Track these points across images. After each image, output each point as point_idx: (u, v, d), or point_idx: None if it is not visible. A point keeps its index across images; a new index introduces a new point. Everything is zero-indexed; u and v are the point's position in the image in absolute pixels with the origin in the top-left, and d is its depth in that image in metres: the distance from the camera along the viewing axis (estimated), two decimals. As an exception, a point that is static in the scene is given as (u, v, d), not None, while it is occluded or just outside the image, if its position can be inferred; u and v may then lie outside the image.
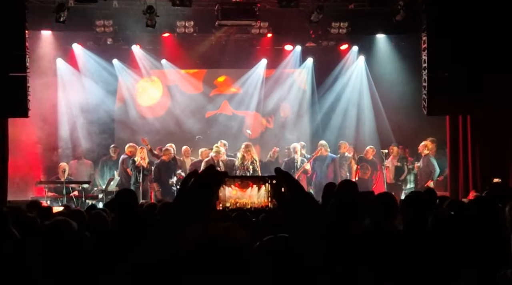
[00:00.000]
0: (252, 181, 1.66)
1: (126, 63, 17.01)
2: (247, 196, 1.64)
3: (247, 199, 1.65)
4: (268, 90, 17.53)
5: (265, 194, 1.64)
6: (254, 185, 1.64)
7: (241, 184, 1.65)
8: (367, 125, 16.87)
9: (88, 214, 6.34)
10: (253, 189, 1.65)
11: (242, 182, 1.66)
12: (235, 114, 17.74)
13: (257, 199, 1.65)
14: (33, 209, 6.99)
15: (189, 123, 17.09)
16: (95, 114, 16.42)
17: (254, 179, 1.67)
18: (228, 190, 1.64)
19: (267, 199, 1.63)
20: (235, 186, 1.64)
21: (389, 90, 16.44)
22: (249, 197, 1.64)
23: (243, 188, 1.65)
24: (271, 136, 17.36)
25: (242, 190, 1.65)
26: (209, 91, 17.79)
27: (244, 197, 1.65)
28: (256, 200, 1.65)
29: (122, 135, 16.91)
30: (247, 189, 1.65)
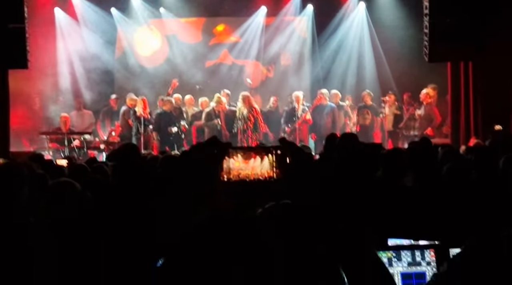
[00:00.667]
0: (255, 152, 1.66)
1: (125, 12, 16.82)
2: (250, 167, 1.65)
3: (250, 170, 1.65)
4: (268, 39, 17.36)
5: (269, 165, 1.64)
6: (257, 156, 1.64)
7: (243, 155, 1.65)
8: (368, 72, 16.74)
9: (90, 167, 6.36)
10: (256, 160, 1.65)
11: (245, 153, 1.66)
12: (235, 63, 17.61)
13: (260, 170, 1.65)
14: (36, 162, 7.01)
15: (189, 72, 16.99)
16: (94, 64, 16.34)
17: (258, 150, 1.67)
18: (231, 161, 1.64)
19: (271, 169, 1.63)
20: (239, 157, 1.64)
21: (390, 37, 16.26)
22: (252, 168, 1.65)
23: (246, 159, 1.65)
24: (271, 85, 17.28)
25: (245, 161, 1.65)
26: (208, 40, 17.62)
27: (247, 169, 1.65)
28: (259, 171, 1.65)
29: (122, 85, 16.86)
30: (250, 160, 1.65)
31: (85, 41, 16.34)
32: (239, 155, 1.63)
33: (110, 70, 16.78)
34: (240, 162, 1.62)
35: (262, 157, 1.62)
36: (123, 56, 17.13)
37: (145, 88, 16.29)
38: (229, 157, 1.63)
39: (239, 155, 1.63)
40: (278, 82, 17.28)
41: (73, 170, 5.88)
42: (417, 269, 2.94)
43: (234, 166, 1.62)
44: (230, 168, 1.62)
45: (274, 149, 1.61)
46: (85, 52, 16.30)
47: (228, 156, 1.63)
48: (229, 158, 1.62)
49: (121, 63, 17.07)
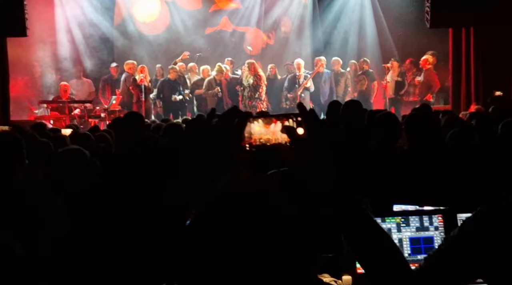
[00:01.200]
0: (276, 118, 1.66)
1: (123, -22, 16.67)
2: (270, 132, 1.65)
3: (271, 135, 1.66)
4: (269, 5, 17.22)
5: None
6: (277, 122, 1.65)
7: (264, 120, 1.66)
8: (369, 39, 16.63)
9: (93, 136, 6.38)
10: (277, 125, 1.65)
11: (265, 119, 1.66)
12: (235, 30, 17.50)
13: (280, 135, 1.66)
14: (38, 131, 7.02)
15: (189, 39, 16.87)
16: (93, 31, 16.26)
17: (278, 116, 1.67)
18: (252, 126, 1.65)
19: None
20: (260, 122, 1.65)
21: (391, 3, 16.14)
22: (272, 133, 1.65)
23: (267, 124, 1.65)
24: (272, 52, 17.20)
25: (266, 126, 1.65)
26: (209, 7, 17.46)
27: (268, 133, 1.66)
28: (279, 136, 1.66)
29: (122, 52, 16.76)
30: (271, 125, 1.65)
31: (83, 8, 16.22)
32: (260, 120, 1.63)
33: (109, 38, 16.68)
34: (261, 126, 1.63)
35: (282, 122, 1.62)
36: (122, 23, 17.00)
37: (145, 56, 16.22)
38: (250, 122, 1.63)
39: (260, 120, 1.63)
40: (279, 49, 17.19)
41: (77, 139, 5.88)
42: (425, 233, 2.99)
43: (254, 131, 1.63)
44: (251, 133, 1.63)
45: (294, 116, 1.62)
46: (84, 19, 16.20)
47: (250, 122, 1.63)
48: (249, 123, 1.63)
49: (121, 31, 16.95)
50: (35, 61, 15.66)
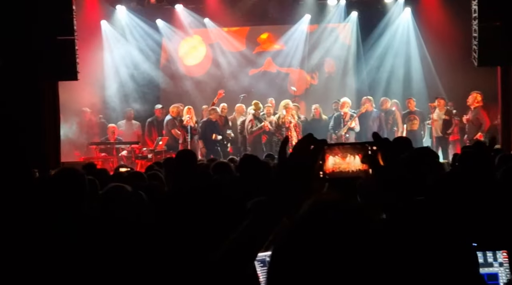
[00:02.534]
0: (352, 149, 1.65)
1: (170, 22, 17.03)
2: (346, 162, 1.64)
3: (346, 165, 1.64)
4: (312, 46, 17.34)
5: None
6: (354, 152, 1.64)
7: (342, 154, 1.64)
8: (415, 78, 16.56)
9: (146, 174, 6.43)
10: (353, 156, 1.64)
11: (343, 153, 1.65)
12: (279, 71, 17.64)
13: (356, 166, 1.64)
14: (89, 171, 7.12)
15: (233, 81, 17.08)
16: (140, 74, 16.60)
17: (354, 146, 1.66)
18: (330, 158, 1.64)
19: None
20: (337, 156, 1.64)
21: (438, 42, 16.04)
22: (348, 164, 1.64)
23: (343, 157, 1.64)
24: (316, 93, 17.25)
25: (343, 158, 1.64)
26: (253, 48, 17.68)
27: (344, 163, 1.64)
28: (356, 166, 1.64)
29: (168, 94, 17.04)
30: (347, 157, 1.64)
31: (131, 52, 16.61)
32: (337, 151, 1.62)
33: (155, 80, 16.99)
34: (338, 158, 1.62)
35: (359, 152, 1.61)
36: (168, 65, 17.32)
37: (191, 97, 16.43)
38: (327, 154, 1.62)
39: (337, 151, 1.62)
40: (323, 89, 17.24)
41: (130, 177, 5.93)
42: (489, 270, 2.90)
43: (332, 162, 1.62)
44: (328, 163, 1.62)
45: (369, 145, 1.61)
46: (131, 63, 16.56)
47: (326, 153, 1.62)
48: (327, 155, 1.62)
49: (166, 73, 17.26)
50: (84, 104, 15.97)
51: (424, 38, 16.51)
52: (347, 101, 14.82)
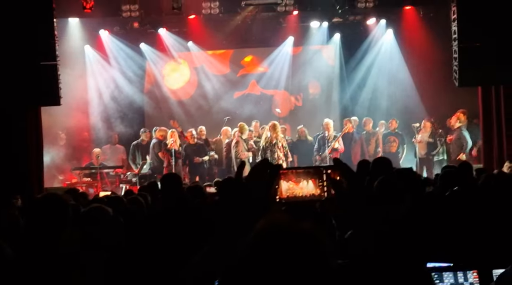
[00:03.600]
0: (306, 174, 1.66)
1: (153, 46, 17.07)
2: (299, 188, 1.65)
3: (300, 190, 1.65)
4: (296, 68, 17.44)
5: (319, 184, 1.64)
6: (308, 177, 1.65)
7: (296, 179, 1.65)
8: (398, 99, 16.68)
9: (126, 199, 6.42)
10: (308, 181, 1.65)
11: (297, 178, 1.66)
12: (263, 93, 17.70)
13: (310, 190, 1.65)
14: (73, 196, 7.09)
15: (218, 104, 17.12)
16: (125, 98, 16.60)
17: (309, 170, 1.67)
18: (284, 183, 1.65)
19: (322, 188, 1.64)
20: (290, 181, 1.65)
21: (419, 62, 16.20)
22: (301, 189, 1.65)
23: (297, 183, 1.65)
24: (300, 114, 17.31)
25: (296, 183, 1.65)
26: (237, 71, 17.76)
27: (297, 189, 1.65)
28: (310, 190, 1.65)
29: (152, 118, 17.03)
30: (301, 182, 1.65)
31: (115, 76, 16.61)
32: (291, 176, 1.63)
33: (140, 104, 16.99)
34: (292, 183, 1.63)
35: (313, 177, 1.62)
36: (152, 89, 17.35)
37: (175, 121, 16.42)
38: (281, 179, 1.63)
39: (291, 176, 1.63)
40: (307, 110, 17.30)
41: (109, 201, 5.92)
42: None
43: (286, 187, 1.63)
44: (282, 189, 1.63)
45: (325, 169, 1.62)
46: (115, 87, 16.55)
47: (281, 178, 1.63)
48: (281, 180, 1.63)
49: (151, 97, 17.28)
50: (68, 128, 15.93)
51: (407, 59, 16.65)
52: (329, 122, 14.88)
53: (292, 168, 1.71)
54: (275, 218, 1.37)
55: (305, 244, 1.31)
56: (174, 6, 13.93)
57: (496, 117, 13.68)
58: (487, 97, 13.80)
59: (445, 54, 14.37)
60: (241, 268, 1.33)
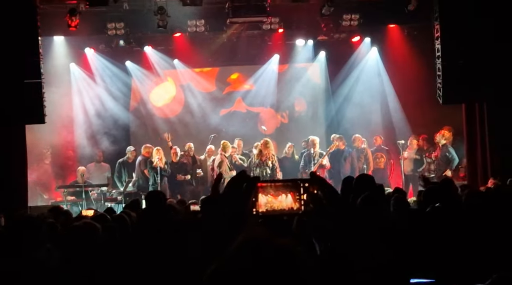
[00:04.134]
0: (284, 187, 1.66)
1: (139, 64, 17.06)
2: (278, 201, 1.65)
3: (279, 203, 1.66)
4: (282, 86, 17.50)
5: (297, 198, 1.65)
6: (286, 191, 1.65)
7: (274, 193, 1.66)
8: (383, 116, 16.78)
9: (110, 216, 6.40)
10: (286, 194, 1.65)
11: (275, 191, 1.67)
12: (249, 111, 17.73)
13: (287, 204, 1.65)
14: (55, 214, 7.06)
15: (204, 121, 17.12)
16: (110, 116, 16.55)
17: (286, 183, 1.67)
18: (262, 196, 1.65)
19: (300, 202, 1.64)
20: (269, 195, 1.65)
21: (403, 80, 16.32)
22: (279, 202, 1.65)
23: (276, 196, 1.66)
24: (286, 131, 17.34)
25: (275, 197, 1.66)
26: (223, 89, 17.79)
27: (276, 202, 1.66)
28: (288, 204, 1.66)
29: (138, 136, 16.99)
30: (279, 196, 1.66)
31: (100, 94, 16.58)
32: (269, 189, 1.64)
33: (125, 122, 16.95)
34: (271, 197, 1.63)
35: (291, 191, 1.63)
36: (137, 107, 17.32)
37: (161, 138, 16.41)
38: (261, 193, 1.64)
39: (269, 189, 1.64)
40: (294, 128, 17.34)
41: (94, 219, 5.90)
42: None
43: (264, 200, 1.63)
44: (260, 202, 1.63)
45: (302, 182, 1.63)
46: (101, 105, 16.52)
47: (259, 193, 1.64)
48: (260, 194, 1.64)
49: (136, 114, 17.25)
50: (53, 146, 15.87)
51: (391, 76, 16.76)
52: (315, 139, 14.92)
53: (270, 181, 1.72)
54: (254, 233, 1.38)
55: (283, 259, 1.32)
56: (159, 24, 13.97)
57: (480, 134, 13.79)
58: (471, 114, 13.92)
59: (429, 72, 14.51)
60: (219, 282, 1.33)
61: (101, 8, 13.79)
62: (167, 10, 13.80)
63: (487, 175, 13.43)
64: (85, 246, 3.99)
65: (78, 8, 13.35)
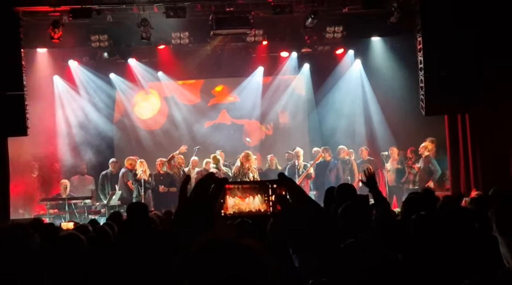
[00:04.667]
0: (252, 189, 1.66)
1: (123, 76, 17.03)
2: (245, 203, 1.65)
3: (246, 205, 1.66)
4: (266, 98, 17.54)
5: (265, 199, 1.65)
6: (254, 192, 1.65)
7: (242, 195, 1.66)
8: (366, 128, 16.86)
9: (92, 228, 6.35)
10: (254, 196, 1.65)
11: (243, 193, 1.66)
12: (234, 123, 17.73)
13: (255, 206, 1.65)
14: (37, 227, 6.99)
15: (188, 133, 17.10)
16: (94, 129, 16.47)
17: (254, 185, 1.67)
18: (230, 198, 1.65)
19: (268, 204, 1.64)
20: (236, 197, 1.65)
21: (387, 92, 16.42)
22: (247, 204, 1.65)
23: (243, 198, 1.66)
24: (271, 143, 17.35)
25: (242, 199, 1.66)
26: (207, 101, 17.79)
27: (243, 204, 1.66)
28: (256, 205, 1.66)
29: (122, 148, 16.93)
30: (246, 198, 1.66)
31: (84, 107, 16.51)
32: (237, 191, 1.64)
33: (109, 134, 16.88)
34: (238, 199, 1.63)
35: (259, 192, 1.63)
36: (121, 119, 17.27)
37: (145, 151, 16.36)
38: (228, 195, 1.64)
39: (237, 191, 1.64)
40: (278, 140, 17.36)
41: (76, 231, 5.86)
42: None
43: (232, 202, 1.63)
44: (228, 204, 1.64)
45: (270, 183, 1.63)
46: (84, 117, 16.45)
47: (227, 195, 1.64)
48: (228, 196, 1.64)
49: (120, 126, 17.19)
50: (36, 158, 15.77)
51: (375, 88, 16.86)
52: (299, 151, 14.95)
53: (238, 182, 1.71)
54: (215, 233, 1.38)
55: (245, 258, 1.32)
56: (143, 36, 13.96)
57: (463, 145, 13.88)
58: (454, 126, 14.02)
59: (412, 84, 14.62)
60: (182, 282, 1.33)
61: (84, 20, 13.75)
62: (151, 22, 13.80)
63: (470, 186, 13.51)
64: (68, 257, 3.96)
65: (61, 20, 13.31)
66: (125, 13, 14.38)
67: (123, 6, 13.90)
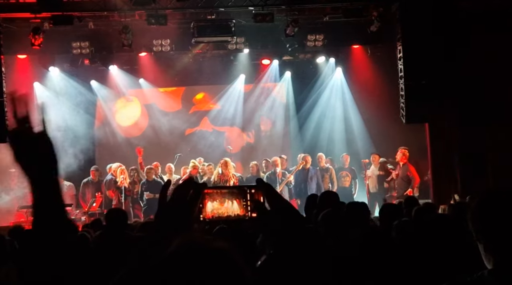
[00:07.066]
0: (230, 194, 1.68)
1: (104, 83, 16.97)
2: (224, 208, 1.67)
3: (225, 210, 1.67)
4: (248, 105, 17.57)
5: (243, 204, 1.67)
6: (234, 200, 1.67)
7: (220, 200, 1.68)
8: (347, 135, 16.93)
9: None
10: (232, 201, 1.67)
11: (221, 198, 1.68)
12: (215, 130, 17.73)
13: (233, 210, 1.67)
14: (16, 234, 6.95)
15: (169, 141, 17.06)
16: (75, 136, 16.34)
17: (233, 190, 1.69)
18: (209, 203, 1.67)
19: (246, 208, 1.66)
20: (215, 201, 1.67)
21: (368, 100, 16.52)
22: (226, 209, 1.67)
23: (222, 203, 1.68)
24: (252, 151, 17.37)
25: (221, 204, 1.68)
26: (188, 108, 17.79)
27: (222, 209, 1.67)
28: (234, 210, 1.67)
29: (103, 155, 16.84)
30: (225, 203, 1.68)
31: (65, 114, 16.39)
32: (216, 196, 1.66)
33: (90, 142, 16.77)
34: (216, 203, 1.65)
35: (237, 197, 1.65)
36: (102, 127, 17.19)
37: (126, 158, 16.29)
38: (207, 199, 1.65)
39: (216, 196, 1.66)
40: (259, 147, 17.39)
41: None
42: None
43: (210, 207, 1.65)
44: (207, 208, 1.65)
45: (248, 188, 1.65)
46: (65, 124, 16.32)
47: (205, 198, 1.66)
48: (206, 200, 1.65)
49: (101, 134, 17.11)
50: (13, 167, 15.60)
51: (355, 96, 16.96)
52: (277, 159, 14.96)
53: (217, 187, 1.73)
54: (189, 236, 1.39)
55: (217, 261, 1.33)
56: (124, 43, 13.94)
57: (443, 152, 13.98)
58: (434, 133, 14.12)
59: (392, 92, 14.71)
60: None
61: (65, 27, 13.70)
62: (132, 29, 13.78)
63: (451, 193, 13.60)
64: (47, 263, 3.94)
65: (42, 27, 13.26)
66: (107, 20, 14.38)
67: (104, 13, 13.88)
